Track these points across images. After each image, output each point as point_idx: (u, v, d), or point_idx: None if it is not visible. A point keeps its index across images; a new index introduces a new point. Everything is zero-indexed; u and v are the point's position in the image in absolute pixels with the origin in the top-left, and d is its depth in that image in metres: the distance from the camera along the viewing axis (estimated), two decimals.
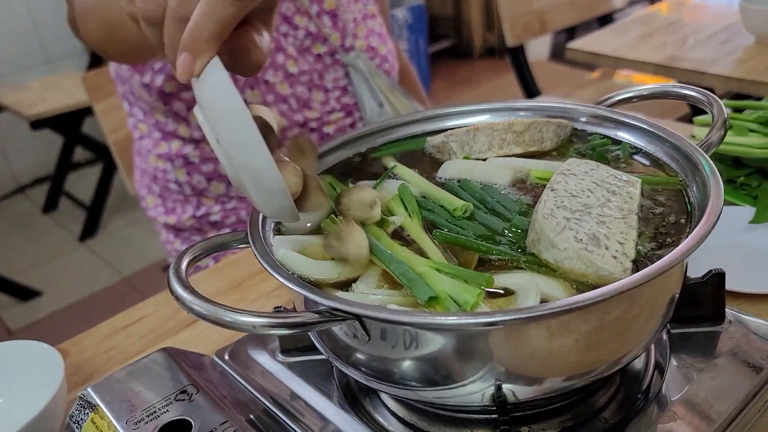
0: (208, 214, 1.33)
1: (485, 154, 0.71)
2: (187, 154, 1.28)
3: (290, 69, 1.20)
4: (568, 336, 0.50)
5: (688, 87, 0.70)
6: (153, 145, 1.33)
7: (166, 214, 1.37)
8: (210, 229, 1.36)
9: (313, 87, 1.23)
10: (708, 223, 0.52)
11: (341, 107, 1.28)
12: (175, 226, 1.37)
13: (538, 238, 0.55)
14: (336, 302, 0.50)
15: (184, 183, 1.31)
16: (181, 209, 1.35)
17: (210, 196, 1.32)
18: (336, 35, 1.25)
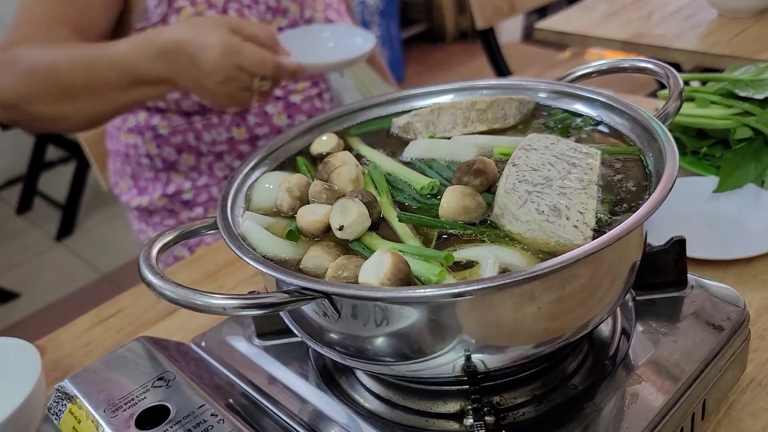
0: (180, 192, 1.33)
1: (450, 132, 0.72)
2: (155, 125, 1.28)
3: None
4: (532, 303, 0.51)
5: (645, 60, 0.72)
6: (122, 121, 1.33)
7: (139, 195, 1.37)
8: (182, 208, 1.36)
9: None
10: (664, 189, 0.54)
11: (307, 76, 1.29)
12: (147, 208, 1.37)
13: (501, 213, 0.57)
14: (304, 281, 0.51)
15: (155, 156, 1.31)
16: (152, 188, 1.35)
17: (180, 170, 1.32)
18: (295, 7, 1.27)
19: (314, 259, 0.56)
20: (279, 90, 1.27)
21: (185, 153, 1.30)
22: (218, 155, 1.30)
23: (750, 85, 1.02)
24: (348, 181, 0.63)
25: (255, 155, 0.71)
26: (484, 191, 0.61)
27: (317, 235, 0.60)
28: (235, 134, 1.28)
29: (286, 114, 1.29)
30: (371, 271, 0.51)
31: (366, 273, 0.51)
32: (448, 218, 0.58)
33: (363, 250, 0.58)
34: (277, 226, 0.63)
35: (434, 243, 0.58)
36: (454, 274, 0.53)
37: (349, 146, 0.75)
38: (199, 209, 1.36)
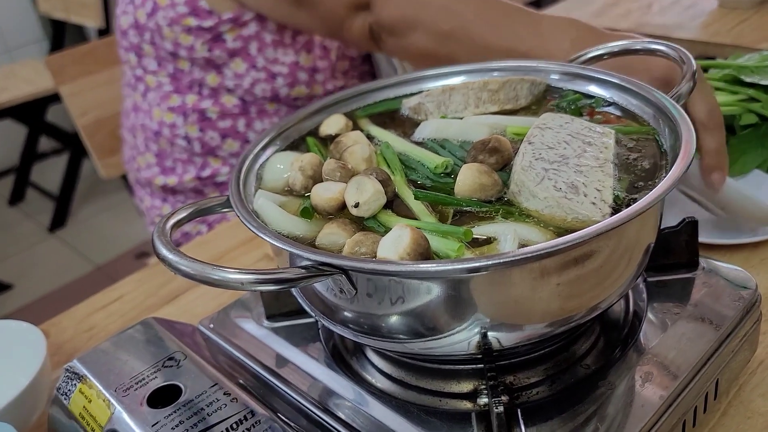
0: (214, 176, 1.31)
1: (461, 113, 0.72)
2: (204, 108, 1.26)
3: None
4: (550, 280, 0.51)
5: (657, 42, 0.72)
6: (162, 98, 1.29)
7: (164, 174, 1.33)
8: (213, 190, 1.33)
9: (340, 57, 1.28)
10: (682, 165, 0.53)
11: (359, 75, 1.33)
12: (174, 188, 1.34)
13: (518, 190, 0.56)
14: (323, 256, 0.50)
15: (195, 139, 1.28)
16: (182, 169, 1.32)
17: (220, 155, 1.30)
18: None
19: (330, 235, 0.56)
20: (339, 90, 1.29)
21: (230, 138, 1.28)
22: None
23: (755, 72, 1.02)
24: (361, 160, 0.63)
25: (266, 135, 0.71)
26: (499, 169, 0.61)
27: (331, 212, 0.59)
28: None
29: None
30: (390, 247, 0.51)
31: (385, 248, 0.51)
32: (463, 196, 0.58)
33: (378, 227, 0.57)
34: (289, 205, 0.63)
35: (450, 220, 0.57)
36: (473, 250, 0.53)
37: (358, 127, 0.75)
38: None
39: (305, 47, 1.22)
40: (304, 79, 1.23)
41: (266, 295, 0.73)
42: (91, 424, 0.61)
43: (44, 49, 3.60)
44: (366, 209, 0.57)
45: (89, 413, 0.61)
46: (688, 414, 0.60)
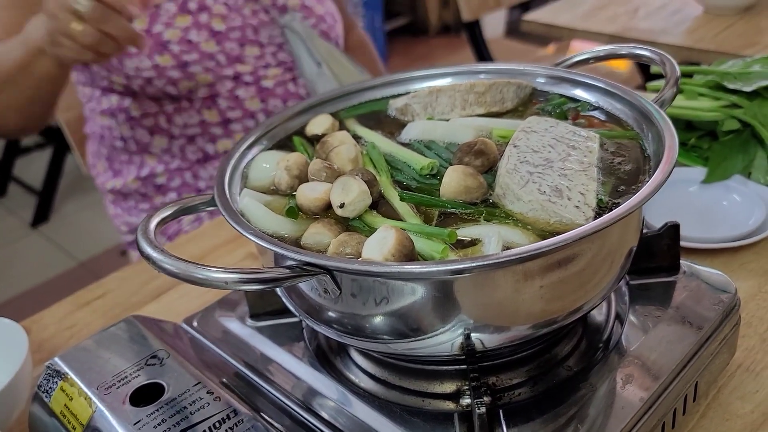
0: (153, 176, 1.32)
1: (448, 115, 0.72)
2: (127, 107, 1.27)
3: (216, 27, 1.21)
4: (534, 282, 0.52)
5: (642, 47, 0.72)
6: (97, 103, 1.32)
7: (114, 178, 1.36)
8: (155, 193, 1.34)
9: (246, 42, 1.24)
10: (664, 170, 0.54)
11: (277, 63, 1.28)
12: (121, 191, 1.36)
13: (503, 192, 0.57)
14: (308, 256, 0.51)
15: (129, 138, 1.30)
16: (126, 170, 1.34)
17: (153, 152, 1.31)
18: None
19: (315, 235, 0.56)
20: (250, 75, 1.26)
21: (157, 135, 1.29)
22: (190, 138, 1.28)
23: (738, 78, 1.03)
24: (347, 161, 0.63)
25: (252, 134, 0.71)
26: (484, 172, 0.61)
27: (317, 212, 0.59)
28: (206, 117, 1.27)
29: (259, 98, 1.28)
30: (375, 247, 0.51)
31: (369, 249, 0.51)
32: (449, 197, 0.58)
33: (363, 227, 0.57)
34: (274, 204, 0.63)
35: (435, 222, 0.58)
36: (457, 251, 0.53)
37: (345, 127, 0.75)
38: (173, 194, 1.35)
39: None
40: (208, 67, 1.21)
41: (250, 295, 0.73)
42: (72, 422, 0.60)
43: None
44: (351, 210, 0.57)
45: (70, 411, 0.61)
46: (668, 416, 0.61)
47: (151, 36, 1.18)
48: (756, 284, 0.83)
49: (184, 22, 1.19)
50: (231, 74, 1.24)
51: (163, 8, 1.18)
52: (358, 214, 0.58)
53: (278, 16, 1.26)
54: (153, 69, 1.19)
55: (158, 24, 1.18)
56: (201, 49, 1.20)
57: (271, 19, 1.26)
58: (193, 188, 1.34)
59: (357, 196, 0.57)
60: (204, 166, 1.32)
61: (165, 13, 1.18)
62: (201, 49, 1.20)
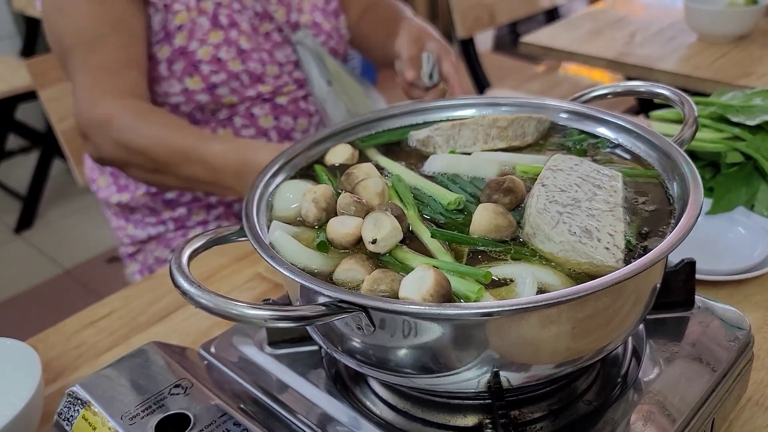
0: (163, 191, 1.31)
1: (470, 148, 0.73)
2: None
3: (243, 45, 1.22)
4: (567, 323, 0.53)
5: (661, 86, 0.74)
6: None
7: (119, 192, 1.34)
8: (164, 208, 1.33)
9: (266, 62, 1.25)
10: (692, 215, 0.55)
11: (293, 81, 1.30)
12: (128, 204, 1.34)
13: (533, 232, 0.58)
14: (348, 295, 0.51)
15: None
16: (134, 186, 1.32)
17: None
18: (281, 10, 1.26)
19: (348, 271, 0.56)
20: (267, 94, 1.27)
21: None
22: None
23: (740, 111, 1.06)
24: (374, 194, 0.64)
25: (275, 162, 0.71)
26: (511, 209, 0.62)
27: (347, 247, 0.60)
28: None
29: (273, 116, 1.29)
30: (413, 287, 0.51)
31: (407, 288, 0.52)
32: (479, 235, 0.59)
33: (395, 263, 0.58)
34: (302, 236, 0.63)
35: (465, 259, 0.58)
36: (490, 291, 0.54)
37: (365, 157, 0.75)
38: (182, 209, 1.34)
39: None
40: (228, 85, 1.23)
41: None
42: None
43: (17, 45, 3.52)
44: (383, 245, 0.58)
45: None
46: None
47: (186, 55, 1.18)
48: (762, 317, 0.84)
49: (216, 39, 1.19)
50: (254, 95, 1.25)
51: (197, 23, 1.18)
52: (390, 249, 0.58)
53: (291, 33, 1.27)
54: (182, 93, 1.19)
55: (194, 41, 1.18)
56: (228, 68, 1.20)
57: (284, 38, 1.27)
58: (203, 204, 1.33)
59: (389, 232, 0.57)
60: None
61: (200, 29, 1.18)
62: (228, 68, 1.20)
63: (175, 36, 1.17)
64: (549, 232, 0.56)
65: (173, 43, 1.17)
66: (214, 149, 1.04)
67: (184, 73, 1.19)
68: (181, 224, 1.36)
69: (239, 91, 1.23)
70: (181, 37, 1.17)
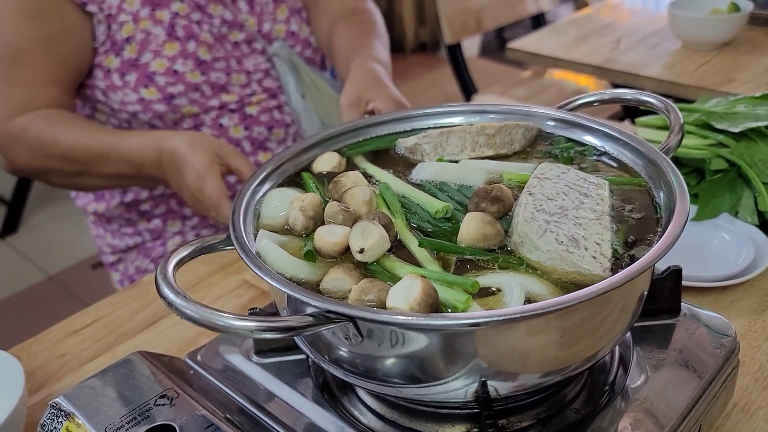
0: (137, 202, 1.29)
1: (458, 156, 0.73)
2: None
3: (202, 56, 1.19)
4: (553, 332, 0.53)
5: (647, 93, 0.74)
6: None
7: (96, 201, 1.33)
8: (140, 219, 1.32)
9: (232, 71, 1.22)
10: (678, 224, 0.56)
11: (263, 90, 1.26)
12: (104, 214, 1.33)
13: (521, 241, 0.58)
14: (335, 305, 0.51)
15: None
16: (110, 195, 1.31)
17: None
18: (253, 20, 1.23)
19: (336, 281, 0.56)
20: (235, 104, 1.24)
21: None
22: None
23: (724, 118, 1.07)
24: (362, 203, 0.63)
25: (263, 169, 0.71)
26: (499, 218, 0.62)
27: (335, 256, 0.59)
28: None
29: (243, 126, 1.26)
30: (400, 297, 0.51)
31: (395, 298, 0.52)
32: (467, 244, 0.59)
33: (382, 273, 0.58)
34: (289, 245, 0.63)
35: (452, 268, 0.58)
36: (477, 300, 0.54)
37: (353, 165, 0.75)
38: (157, 221, 1.32)
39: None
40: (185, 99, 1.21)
41: None
42: None
43: None
44: (371, 255, 0.57)
45: None
46: None
47: (138, 67, 1.15)
48: (746, 323, 0.85)
49: (172, 51, 1.16)
50: (216, 104, 1.22)
51: (152, 34, 1.15)
52: (377, 258, 0.58)
53: (266, 45, 1.24)
54: (138, 102, 1.17)
55: (147, 52, 1.15)
56: (186, 80, 1.18)
57: (252, 50, 1.24)
58: (178, 215, 1.32)
59: (377, 241, 0.57)
60: None
61: (154, 40, 1.15)
62: (186, 80, 1.18)
63: (124, 48, 1.15)
64: (536, 240, 0.56)
65: (122, 55, 1.15)
66: (131, 143, 1.06)
67: (138, 84, 1.16)
68: (158, 235, 1.34)
69: (200, 101, 1.20)
70: (130, 50, 1.15)
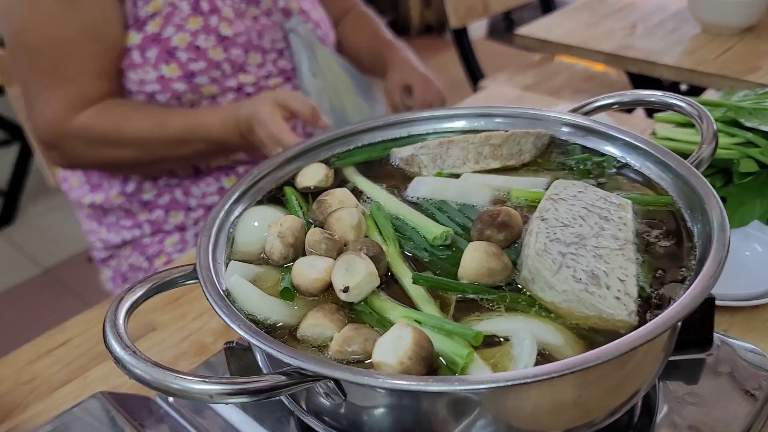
0: (140, 191, 1.23)
1: (459, 168, 0.64)
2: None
3: (224, 32, 1.14)
4: (570, 392, 0.45)
5: (675, 96, 0.65)
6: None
7: (92, 192, 1.26)
8: (141, 209, 1.25)
9: (250, 48, 1.17)
10: (718, 260, 0.47)
11: (278, 72, 1.22)
12: (102, 206, 1.26)
13: (532, 278, 0.49)
14: (309, 363, 0.43)
15: None
16: (108, 185, 1.24)
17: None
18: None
19: (315, 327, 0.48)
20: (252, 86, 1.19)
21: None
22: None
23: (753, 115, 0.97)
24: (349, 228, 0.55)
25: (237, 187, 0.62)
26: (506, 246, 0.54)
27: (316, 294, 0.51)
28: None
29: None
30: (389, 349, 0.43)
31: (382, 351, 0.44)
32: (469, 280, 0.50)
33: (370, 314, 0.50)
34: (265, 277, 0.55)
35: (452, 308, 0.50)
36: (481, 352, 0.46)
37: (343, 177, 0.67)
38: (159, 211, 1.26)
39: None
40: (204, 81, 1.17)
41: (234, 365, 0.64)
42: None
43: None
44: (356, 294, 0.49)
45: None
46: None
47: (159, 42, 1.10)
48: None
49: (195, 25, 1.11)
50: (234, 85, 1.17)
51: (177, 8, 1.11)
52: (364, 297, 0.50)
53: (282, 19, 1.20)
54: (158, 81, 1.12)
55: (170, 26, 1.10)
56: (208, 57, 1.13)
57: (272, 23, 1.19)
58: (183, 206, 1.25)
59: (363, 278, 0.49)
60: (196, 183, 1.23)
61: (178, 14, 1.11)
62: (208, 57, 1.13)
63: (147, 23, 1.10)
64: (550, 279, 0.48)
65: (144, 30, 1.10)
66: (209, 123, 1.07)
67: (159, 60, 1.11)
68: (158, 228, 1.27)
69: (220, 81, 1.16)
70: (153, 24, 1.10)
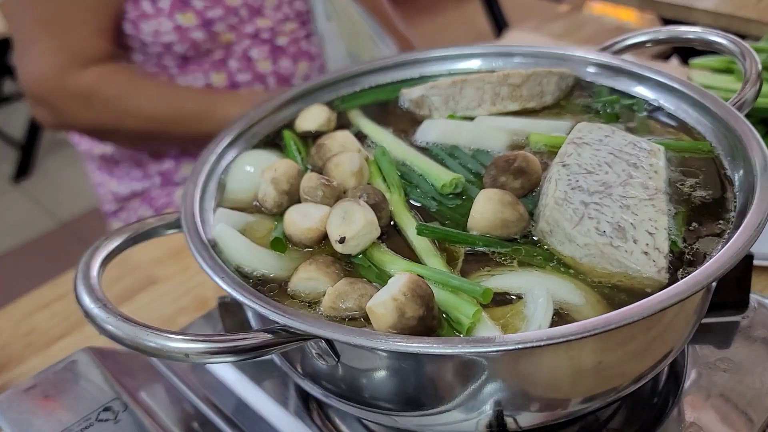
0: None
1: (474, 111, 0.58)
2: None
3: None
4: (590, 357, 0.40)
5: (716, 32, 0.59)
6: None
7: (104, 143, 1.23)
8: (150, 160, 1.21)
9: None
10: (763, 211, 0.41)
11: (295, 14, 1.17)
12: (113, 156, 1.22)
13: (550, 230, 0.44)
14: (297, 321, 0.38)
15: None
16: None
17: None
18: None
19: (307, 281, 0.43)
20: (268, 32, 1.14)
21: None
22: None
23: None
24: (349, 174, 0.50)
25: (231, 130, 0.57)
26: (523, 195, 0.48)
27: (310, 245, 0.47)
28: (213, 80, 1.14)
29: (271, 59, 1.16)
30: (381, 293, 0.39)
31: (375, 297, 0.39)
32: (481, 232, 0.45)
33: (369, 268, 0.45)
34: (257, 227, 0.50)
35: (460, 263, 0.45)
36: (490, 310, 0.41)
37: (346, 120, 0.61)
38: (170, 162, 1.22)
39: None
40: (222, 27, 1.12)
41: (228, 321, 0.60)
42: None
43: None
44: (354, 245, 0.44)
45: None
46: None
47: None
48: None
49: None
50: (252, 31, 1.12)
51: None
52: (362, 249, 0.45)
53: None
54: (174, 31, 1.07)
55: None
56: (225, 3, 1.08)
57: None
58: (193, 156, 1.21)
59: (361, 228, 0.44)
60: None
61: None
62: (225, 3, 1.08)
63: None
64: (570, 231, 0.43)
65: None
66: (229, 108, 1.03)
67: (174, 9, 1.06)
68: (168, 179, 1.24)
69: (237, 27, 1.11)
70: None
